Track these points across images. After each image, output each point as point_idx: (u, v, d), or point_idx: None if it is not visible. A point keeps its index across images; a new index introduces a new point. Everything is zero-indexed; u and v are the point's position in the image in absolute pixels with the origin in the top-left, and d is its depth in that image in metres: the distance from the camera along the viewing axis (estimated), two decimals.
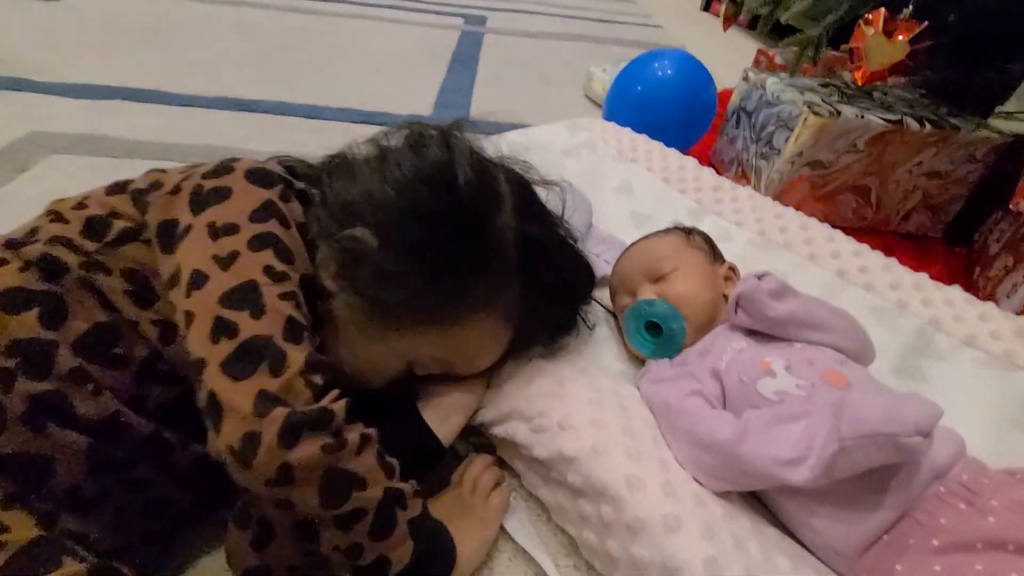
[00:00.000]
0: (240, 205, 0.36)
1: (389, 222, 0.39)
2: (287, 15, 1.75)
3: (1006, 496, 0.36)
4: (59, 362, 0.32)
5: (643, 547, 0.37)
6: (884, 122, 0.82)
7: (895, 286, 0.62)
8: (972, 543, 0.34)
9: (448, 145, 0.42)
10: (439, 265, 0.39)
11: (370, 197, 0.40)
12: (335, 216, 0.40)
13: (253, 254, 0.35)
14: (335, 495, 0.32)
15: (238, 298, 0.33)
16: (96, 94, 1.09)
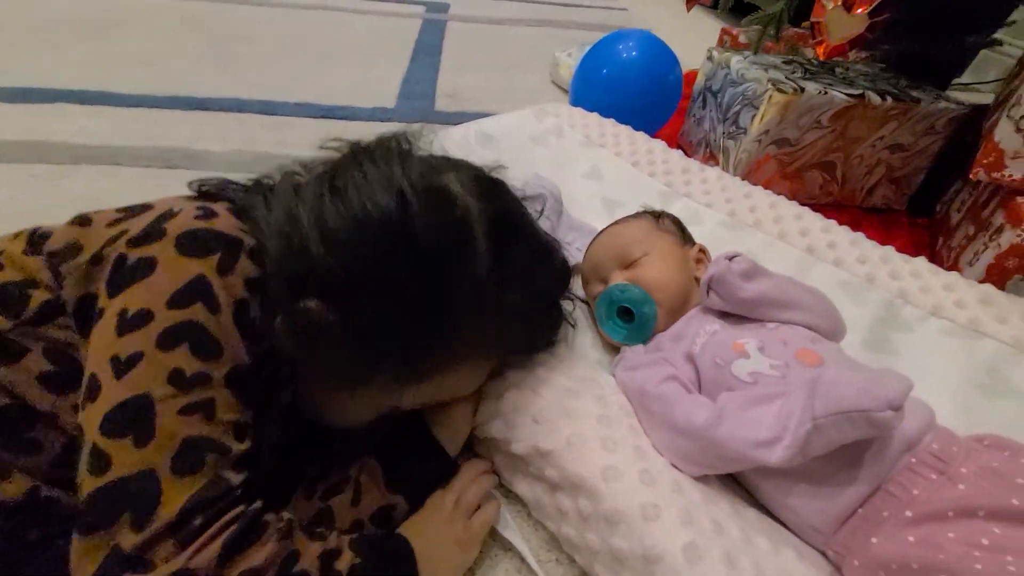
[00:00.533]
0: (161, 285, 0.31)
1: (342, 294, 0.34)
2: (238, 6, 1.68)
3: (975, 463, 0.36)
4: None
5: (622, 538, 0.37)
6: (847, 97, 0.82)
7: (863, 260, 0.63)
8: (944, 512, 0.34)
9: (399, 190, 0.35)
10: (409, 335, 0.35)
11: (313, 263, 0.34)
12: (281, 278, 0.34)
13: (160, 355, 0.30)
14: None
15: (123, 420, 0.29)
16: (36, 97, 1.03)
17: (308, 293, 0.34)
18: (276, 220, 0.35)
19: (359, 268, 0.34)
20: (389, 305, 0.34)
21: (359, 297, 0.34)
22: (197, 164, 0.91)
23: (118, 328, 0.30)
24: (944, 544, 0.32)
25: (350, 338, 0.34)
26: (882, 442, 0.37)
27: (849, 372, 0.38)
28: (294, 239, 0.34)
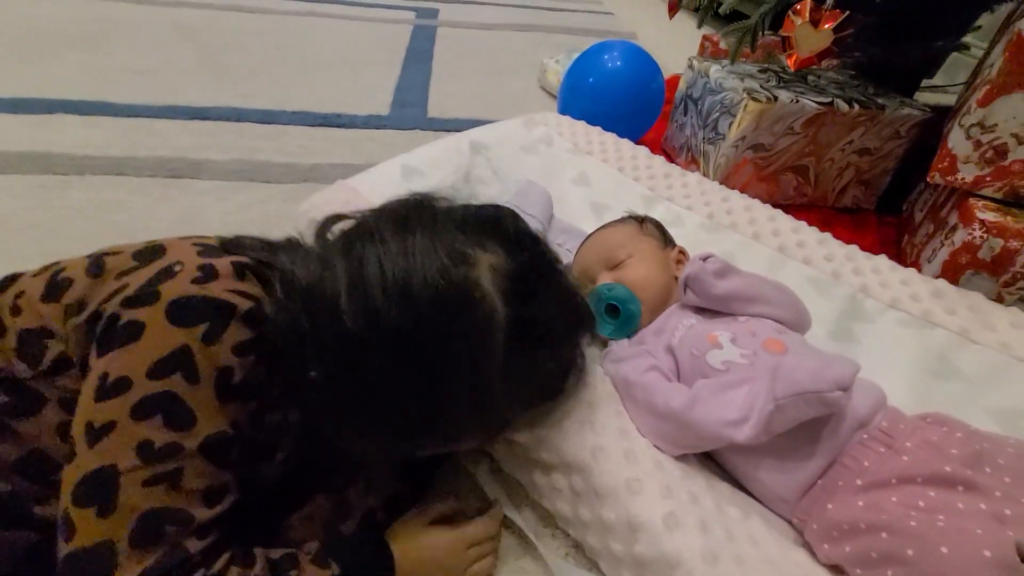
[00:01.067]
0: (143, 353, 0.32)
1: (344, 378, 0.34)
2: (229, 14, 1.70)
3: (918, 437, 0.41)
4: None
5: (610, 510, 0.41)
6: (817, 105, 0.88)
7: (829, 258, 0.68)
8: (888, 480, 0.39)
9: (421, 282, 0.34)
10: (404, 422, 0.36)
11: (322, 342, 0.34)
12: (285, 345, 0.35)
13: (132, 425, 0.31)
14: None
15: (90, 490, 0.30)
16: (36, 108, 1.05)
17: (314, 364, 0.34)
18: (291, 295, 0.35)
19: (362, 357, 0.34)
20: (389, 393, 0.34)
21: (361, 381, 0.34)
22: (199, 173, 0.94)
23: (96, 393, 0.31)
24: (886, 507, 0.37)
25: (350, 416, 0.35)
26: (837, 420, 0.43)
27: (806, 359, 0.43)
28: (304, 318, 0.34)
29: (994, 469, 0.38)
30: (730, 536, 0.41)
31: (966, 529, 0.34)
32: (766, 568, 0.40)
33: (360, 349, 0.33)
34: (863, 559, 0.38)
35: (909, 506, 0.37)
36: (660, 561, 0.40)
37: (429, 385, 0.34)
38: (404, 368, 0.34)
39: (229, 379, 0.33)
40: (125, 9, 1.63)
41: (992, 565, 0.32)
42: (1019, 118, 0.66)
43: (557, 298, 0.41)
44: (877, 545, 0.37)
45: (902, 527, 0.36)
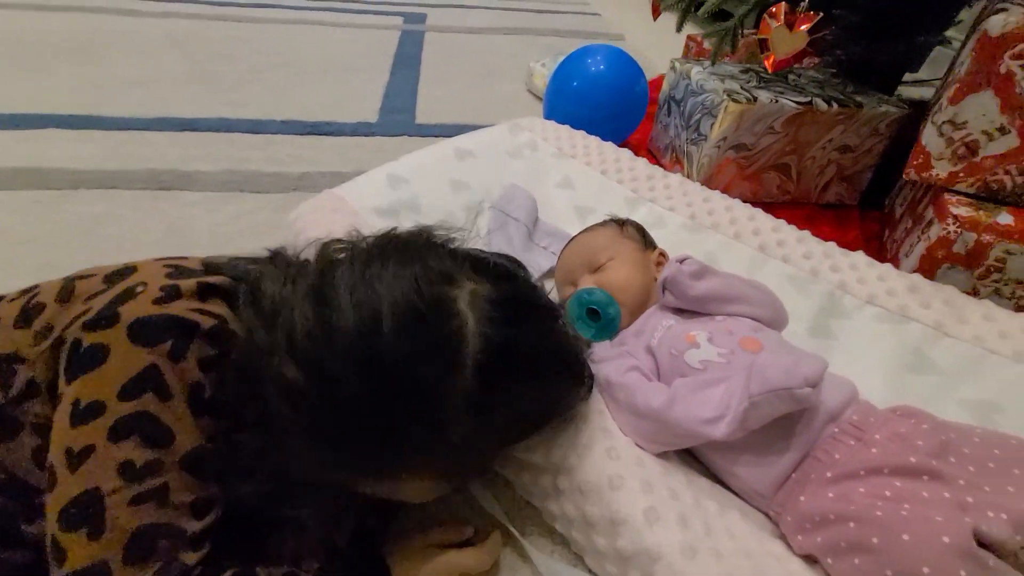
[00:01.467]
0: (112, 375, 0.32)
1: (301, 395, 0.33)
2: (218, 24, 1.72)
3: (887, 430, 0.43)
4: None
5: (593, 506, 0.43)
6: (796, 104, 0.89)
7: (808, 256, 0.70)
8: (857, 471, 0.41)
9: (381, 302, 0.33)
10: (359, 449, 0.35)
11: (276, 363, 0.33)
12: (246, 365, 0.35)
13: (111, 447, 0.31)
14: None
15: (77, 514, 0.31)
16: (28, 123, 1.06)
17: (269, 386, 0.33)
18: (254, 313, 0.35)
19: (319, 376, 0.33)
20: (344, 416, 0.33)
21: (315, 401, 0.33)
22: (190, 184, 0.95)
23: (71, 418, 0.32)
24: (854, 497, 0.39)
25: (302, 437, 0.34)
26: (809, 415, 0.44)
27: (778, 356, 0.45)
28: (263, 336, 0.34)
29: (959, 458, 0.39)
30: (708, 530, 0.43)
31: (927, 517, 0.35)
32: (743, 560, 0.41)
33: (317, 370, 0.33)
34: (833, 548, 0.39)
35: (876, 496, 0.39)
36: (642, 555, 0.41)
37: (390, 407, 0.33)
38: (364, 387, 0.33)
39: (201, 394, 0.34)
40: (115, 21, 1.64)
41: (950, 551, 0.33)
42: (988, 115, 0.67)
43: (544, 335, 0.39)
44: (845, 534, 0.38)
45: (868, 516, 0.38)
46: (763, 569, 0.41)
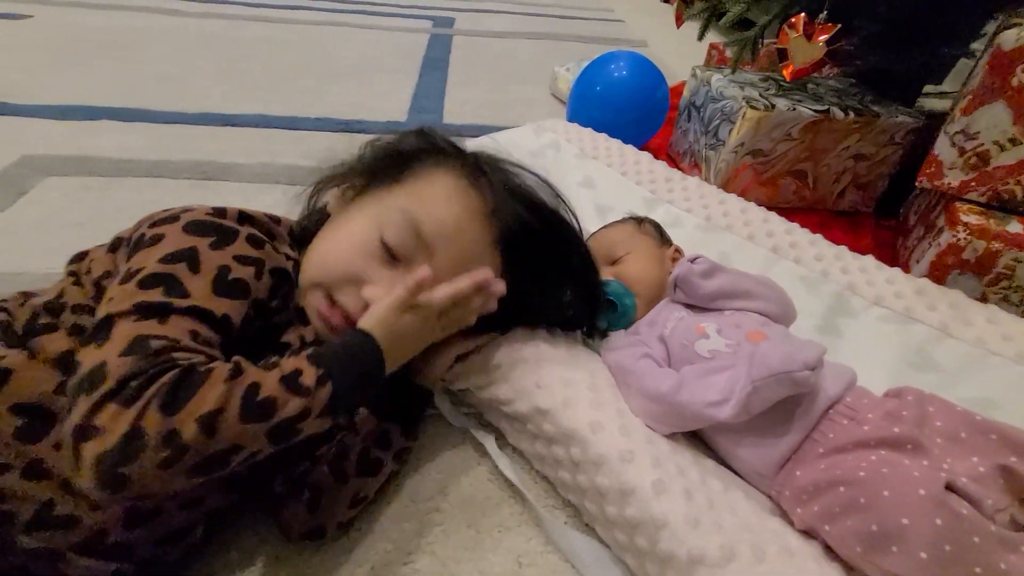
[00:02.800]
0: (159, 251, 0.38)
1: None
2: (254, 24, 1.79)
3: (879, 410, 0.46)
4: None
5: (604, 477, 0.46)
6: (813, 112, 0.92)
7: (819, 258, 0.72)
8: (846, 445, 0.44)
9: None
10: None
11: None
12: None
13: (137, 291, 0.36)
14: (210, 468, 0.33)
15: (92, 332, 0.35)
16: (79, 115, 1.13)
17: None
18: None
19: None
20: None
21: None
22: (228, 176, 1.01)
23: (119, 281, 0.37)
24: (841, 465, 0.42)
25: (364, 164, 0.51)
26: (810, 400, 0.47)
27: (779, 344, 0.48)
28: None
29: (931, 429, 0.42)
30: (711, 504, 0.46)
31: (905, 474, 0.38)
32: (743, 533, 0.44)
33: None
34: (829, 514, 0.42)
35: (861, 461, 0.42)
36: (648, 523, 0.44)
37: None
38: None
39: (226, 275, 0.39)
40: (157, 19, 1.72)
41: (925, 501, 0.36)
42: (1000, 127, 0.70)
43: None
44: (837, 499, 0.41)
45: (854, 478, 0.41)
46: (761, 542, 0.44)
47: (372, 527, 0.50)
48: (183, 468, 0.31)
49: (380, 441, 0.48)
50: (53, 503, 0.35)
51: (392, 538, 0.49)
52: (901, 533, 0.37)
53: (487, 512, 0.52)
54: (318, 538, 0.46)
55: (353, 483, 0.46)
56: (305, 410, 0.35)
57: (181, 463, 0.31)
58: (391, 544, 0.48)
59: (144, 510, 0.38)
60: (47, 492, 0.35)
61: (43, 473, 0.35)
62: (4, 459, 0.34)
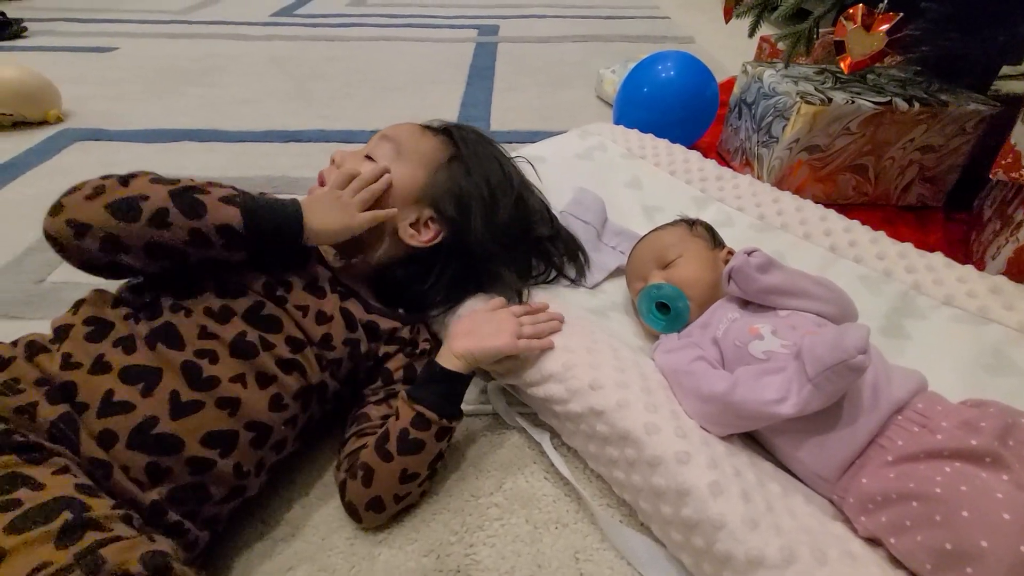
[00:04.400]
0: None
1: None
2: (314, 44, 1.89)
3: (955, 418, 0.44)
4: None
5: (661, 477, 0.47)
6: (874, 105, 0.88)
7: (881, 256, 0.70)
8: (916, 454, 0.42)
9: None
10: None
11: None
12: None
13: None
14: (123, 211, 0.43)
15: None
16: (164, 138, 1.24)
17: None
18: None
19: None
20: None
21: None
22: (297, 189, 1.08)
23: None
24: (915, 476, 0.41)
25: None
26: (871, 401, 0.46)
27: (820, 335, 0.47)
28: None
29: (1017, 442, 0.40)
30: (770, 507, 0.46)
31: (987, 495, 0.37)
32: (803, 536, 0.44)
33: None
34: (898, 527, 0.41)
35: (935, 474, 0.41)
36: (705, 523, 0.45)
37: None
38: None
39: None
40: (229, 46, 1.86)
41: (1011, 525, 0.35)
42: None
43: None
44: (909, 513, 0.40)
45: (929, 494, 0.40)
46: (822, 546, 0.44)
47: (436, 519, 0.53)
48: (101, 202, 0.43)
49: (418, 423, 0.51)
50: (112, 392, 0.42)
51: (454, 530, 0.52)
52: (980, 555, 0.36)
53: (544, 508, 0.54)
54: (380, 511, 0.51)
55: (398, 460, 0.50)
56: (203, 186, 0.47)
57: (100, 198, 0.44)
58: (453, 536, 0.51)
59: (185, 403, 0.44)
60: (108, 383, 0.42)
61: (105, 367, 0.43)
62: (76, 358, 0.43)
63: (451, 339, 0.56)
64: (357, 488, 0.50)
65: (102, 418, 0.41)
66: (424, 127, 0.66)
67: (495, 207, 0.61)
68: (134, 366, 0.44)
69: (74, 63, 1.67)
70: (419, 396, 0.52)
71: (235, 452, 0.45)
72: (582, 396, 0.53)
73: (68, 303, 0.77)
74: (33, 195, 1.02)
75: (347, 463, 0.52)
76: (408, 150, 0.61)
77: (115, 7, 2.29)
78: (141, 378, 0.43)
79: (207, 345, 0.46)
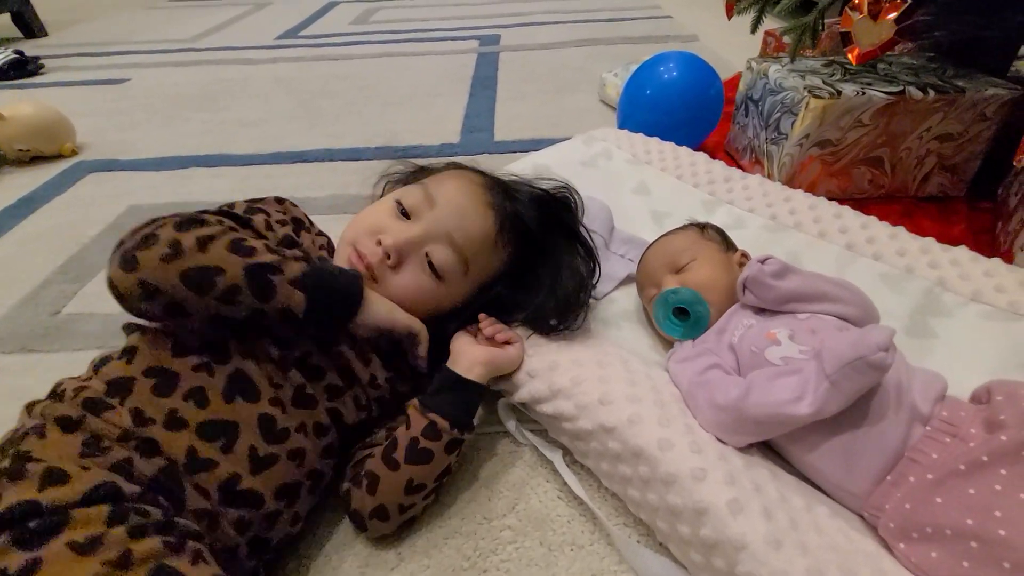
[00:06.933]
0: None
1: None
2: (318, 64, 1.92)
3: (977, 421, 0.42)
4: None
5: (676, 496, 0.45)
6: (886, 95, 0.86)
7: (902, 252, 0.67)
8: (957, 467, 0.40)
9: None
10: None
11: None
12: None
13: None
14: (197, 283, 0.41)
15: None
16: (173, 165, 1.26)
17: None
18: None
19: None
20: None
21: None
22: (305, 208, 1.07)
23: None
24: (968, 503, 0.38)
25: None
26: (896, 407, 0.44)
27: (842, 334, 0.45)
28: None
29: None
30: (794, 524, 0.44)
31: None
32: (830, 555, 0.42)
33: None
34: (953, 568, 0.38)
35: (988, 494, 0.38)
36: (726, 544, 0.43)
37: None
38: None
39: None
40: (235, 70, 1.89)
41: None
42: None
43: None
44: (966, 553, 0.38)
45: (990, 534, 0.37)
46: (852, 565, 0.41)
47: (448, 543, 0.51)
48: (176, 268, 0.41)
49: (429, 433, 0.50)
50: (195, 449, 0.41)
51: (467, 555, 0.51)
52: None
53: (558, 530, 0.52)
54: (384, 519, 0.50)
55: (404, 470, 0.49)
56: (278, 264, 0.44)
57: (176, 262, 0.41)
58: (467, 561, 0.50)
59: (263, 457, 0.43)
60: (186, 440, 0.40)
61: (179, 423, 0.41)
62: (149, 414, 0.40)
63: (463, 349, 0.55)
64: (362, 496, 0.49)
65: (193, 474, 0.40)
66: (500, 230, 0.58)
67: (565, 312, 0.59)
68: (209, 422, 0.42)
69: (88, 96, 1.71)
70: (432, 404, 0.51)
71: (297, 502, 0.46)
72: (592, 412, 0.51)
73: (83, 335, 0.78)
74: (50, 227, 1.04)
75: (351, 472, 0.52)
76: (475, 270, 0.57)
77: (127, 39, 2.36)
78: (219, 434, 0.42)
79: (276, 395, 0.46)
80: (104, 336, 0.77)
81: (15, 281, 0.89)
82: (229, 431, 0.42)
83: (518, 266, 0.61)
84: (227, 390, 0.43)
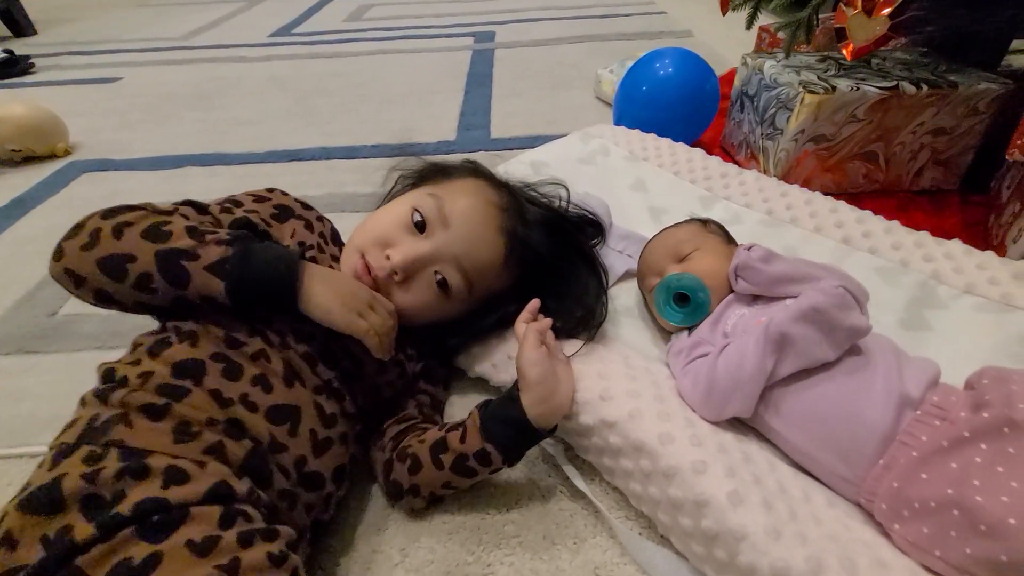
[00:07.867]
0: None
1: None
2: (312, 62, 1.91)
3: (967, 405, 0.43)
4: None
5: (677, 488, 0.46)
6: (879, 90, 0.86)
7: (897, 246, 0.68)
8: (940, 444, 0.41)
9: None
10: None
11: None
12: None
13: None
14: (111, 270, 0.42)
15: None
16: (168, 164, 1.25)
17: None
18: None
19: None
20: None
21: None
22: None
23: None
24: (949, 475, 0.39)
25: None
26: (886, 392, 0.45)
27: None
28: None
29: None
30: (793, 515, 0.44)
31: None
32: (829, 544, 0.43)
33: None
34: (943, 539, 0.39)
35: (968, 466, 0.39)
36: (726, 535, 0.44)
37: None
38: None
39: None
40: (228, 68, 1.87)
41: None
42: None
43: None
44: (952, 523, 0.39)
45: (969, 500, 0.38)
46: (851, 554, 0.42)
47: (452, 538, 0.52)
48: (93, 256, 0.42)
49: (479, 457, 0.50)
50: (272, 432, 0.42)
51: (471, 549, 0.51)
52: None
53: (561, 523, 0.53)
54: (416, 496, 0.52)
55: (447, 474, 0.50)
56: (193, 249, 0.43)
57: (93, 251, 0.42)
58: (471, 556, 0.51)
59: (322, 440, 0.45)
60: (261, 423, 0.42)
61: (252, 406, 0.42)
62: (227, 395, 0.41)
63: (530, 388, 0.50)
64: (403, 472, 0.51)
65: (274, 455, 0.42)
66: (509, 254, 0.56)
67: (574, 333, 0.60)
68: (275, 406, 0.43)
69: (80, 95, 1.70)
70: (493, 432, 0.49)
71: (344, 484, 0.49)
72: (592, 408, 0.51)
73: (81, 336, 0.77)
74: (44, 229, 1.03)
75: (392, 444, 0.54)
76: (479, 290, 0.57)
77: (118, 37, 2.34)
78: (286, 418, 0.43)
79: (319, 382, 0.48)
80: (102, 336, 0.76)
81: (11, 283, 0.88)
82: (293, 415, 0.44)
83: (525, 286, 0.60)
84: (286, 375, 0.45)
